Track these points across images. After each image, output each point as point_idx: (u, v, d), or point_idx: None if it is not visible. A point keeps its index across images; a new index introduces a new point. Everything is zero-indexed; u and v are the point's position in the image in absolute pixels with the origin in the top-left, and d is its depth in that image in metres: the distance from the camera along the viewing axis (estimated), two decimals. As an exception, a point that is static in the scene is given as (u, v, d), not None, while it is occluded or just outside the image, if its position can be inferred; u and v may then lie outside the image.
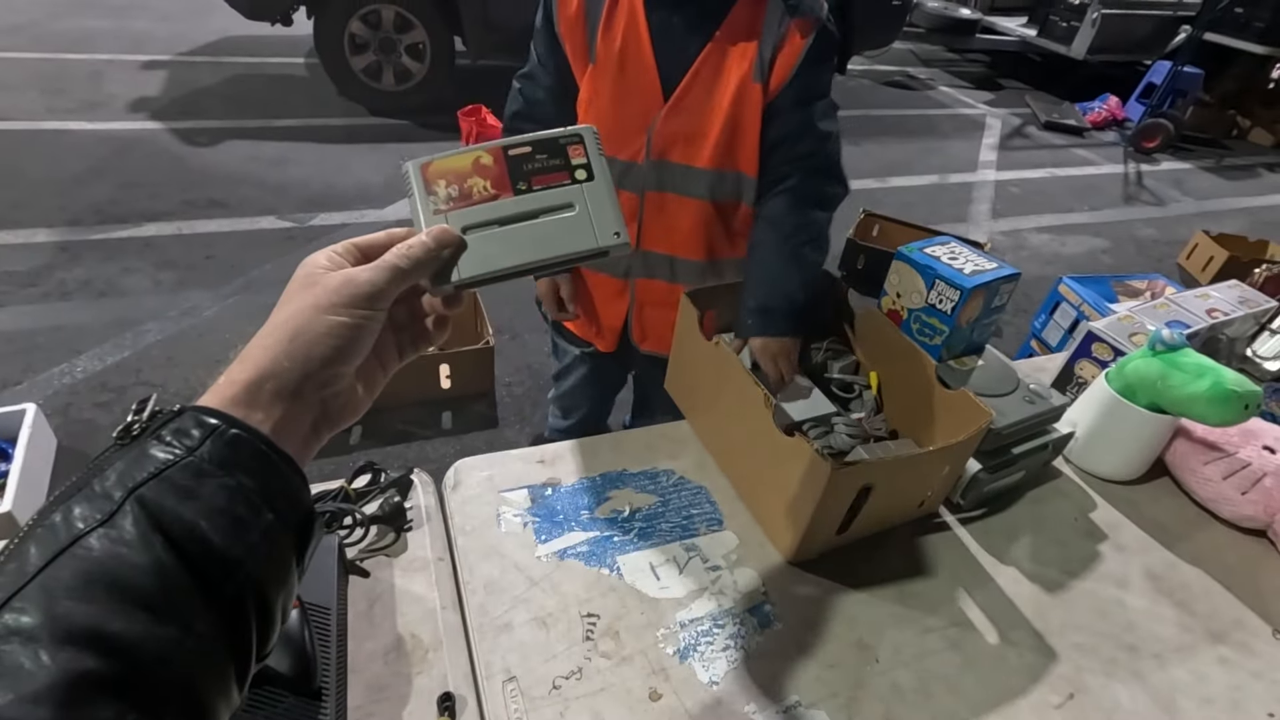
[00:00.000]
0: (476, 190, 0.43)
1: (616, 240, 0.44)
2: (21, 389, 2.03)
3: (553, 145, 0.45)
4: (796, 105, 1.07)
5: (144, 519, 0.30)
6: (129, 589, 0.28)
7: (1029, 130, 5.38)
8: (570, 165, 0.45)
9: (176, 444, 0.32)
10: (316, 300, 0.38)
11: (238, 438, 0.34)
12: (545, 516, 0.88)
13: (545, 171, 0.44)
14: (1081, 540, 0.95)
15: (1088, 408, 1.04)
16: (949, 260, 1.00)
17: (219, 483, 0.32)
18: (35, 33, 4.56)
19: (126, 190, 3.03)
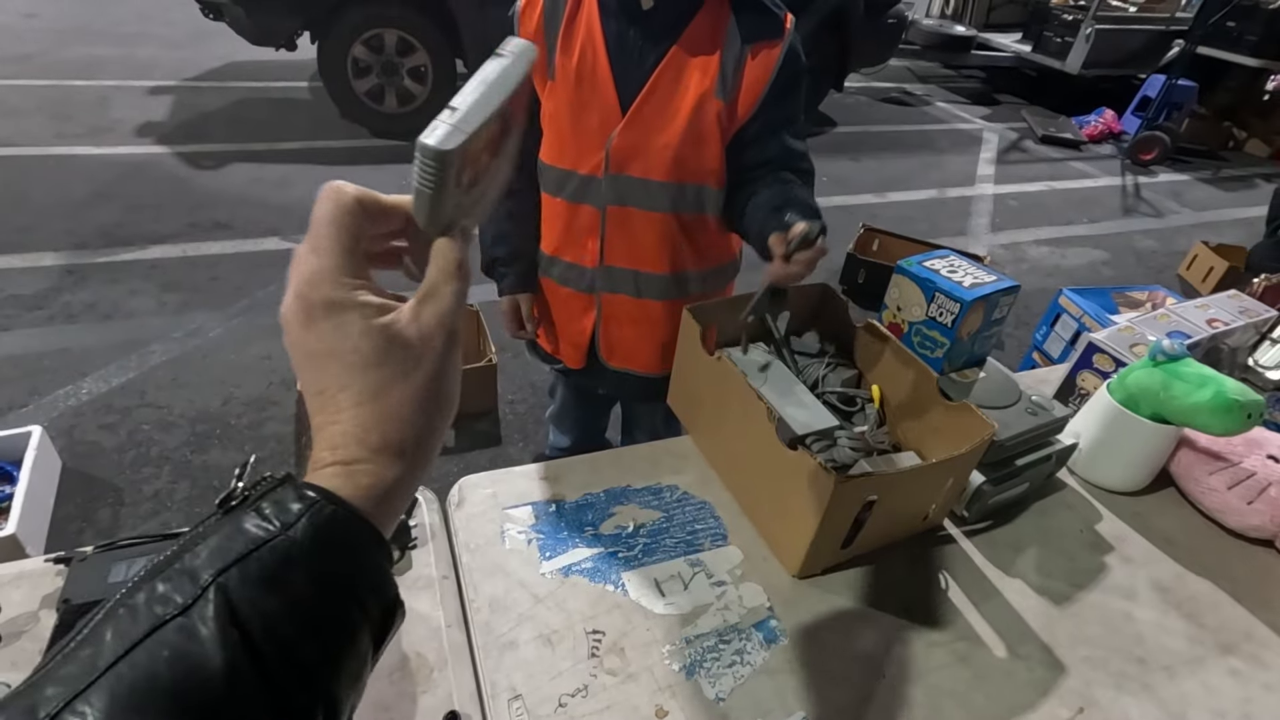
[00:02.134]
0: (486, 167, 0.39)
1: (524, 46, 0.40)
2: (27, 411, 2.04)
3: None
4: (771, 131, 1.07)
5: (224, 610, 0.27)
6: (194, 698, 0.26)
7: (1026, 144, 5.43)
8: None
9: (273, 519, 0.30)
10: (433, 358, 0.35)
11: (335, 515, 0.31)
12: (549, 533, 0.88)
13: None
14: (1088, 552, 0.95)
15: (1090, 419, 1.04)
16: (949, 273, 1.01)
17: (308, 572, 0.29)
18: (44, 60, 4.64)
19: (132, 213, 3.06)
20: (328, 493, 0.31)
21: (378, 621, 0.32)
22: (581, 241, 1.16)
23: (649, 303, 1.20)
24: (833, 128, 5.16)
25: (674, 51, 1.03)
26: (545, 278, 1.25)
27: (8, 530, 1.48)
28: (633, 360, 1.25)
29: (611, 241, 1.15)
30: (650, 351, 1.10)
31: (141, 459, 1.96)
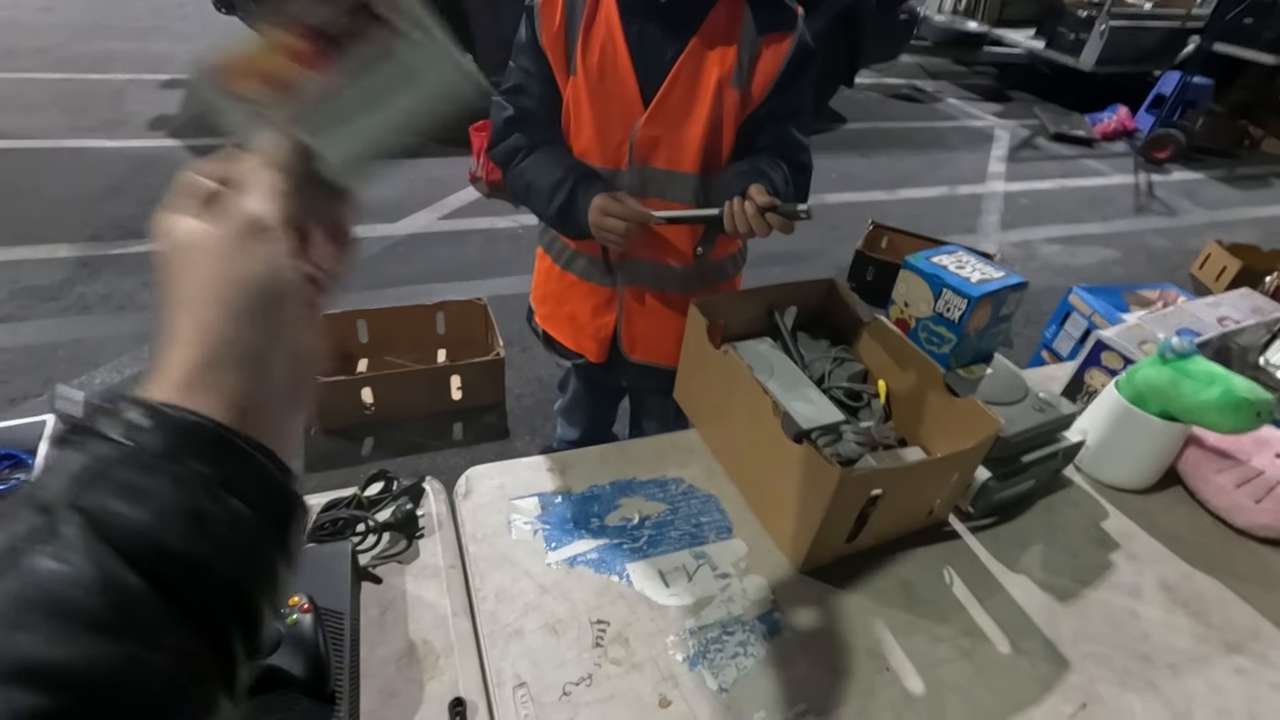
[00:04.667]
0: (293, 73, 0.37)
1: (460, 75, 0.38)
2: (42, 400, 2.06)
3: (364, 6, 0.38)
4: (777, 119, 1.10)
5: (87, 528, 0.26)
6: (73, 611, 0.25)
7: (1038, 142, 5.38)
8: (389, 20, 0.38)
9: (121, 437, 0.29)
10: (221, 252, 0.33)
11: (190, 423, 0.30)
12: (555, 524, 0.89)
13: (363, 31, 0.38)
14: (1093, 549, 0.95)
15: (1098, 416, 1.04)
16: (956, 269, 1.01)
17: (171, 474, 0.28)
18: (59, 54, 4.68)
19: (145, 206, 3.09)
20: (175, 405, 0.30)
21: (270, 514, 0.31)
22: None
23: (671, 295, 1.21)
24: (842, 124, 5.14)
25: (693, 44, 1.04)
26: (567, 272, 1.25)
27: (23, 517, 1.50)
28: (655, 353, 1.25)
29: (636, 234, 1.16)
30: (673, 343, 1.10)
31: (153, 449, 1.98)
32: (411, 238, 3.14)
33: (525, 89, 1.12)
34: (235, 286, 0.33)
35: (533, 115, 1.13)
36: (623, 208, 1.04)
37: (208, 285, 0.33)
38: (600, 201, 1.06)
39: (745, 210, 0.99)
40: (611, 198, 1.06)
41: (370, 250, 3.00)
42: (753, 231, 1.00)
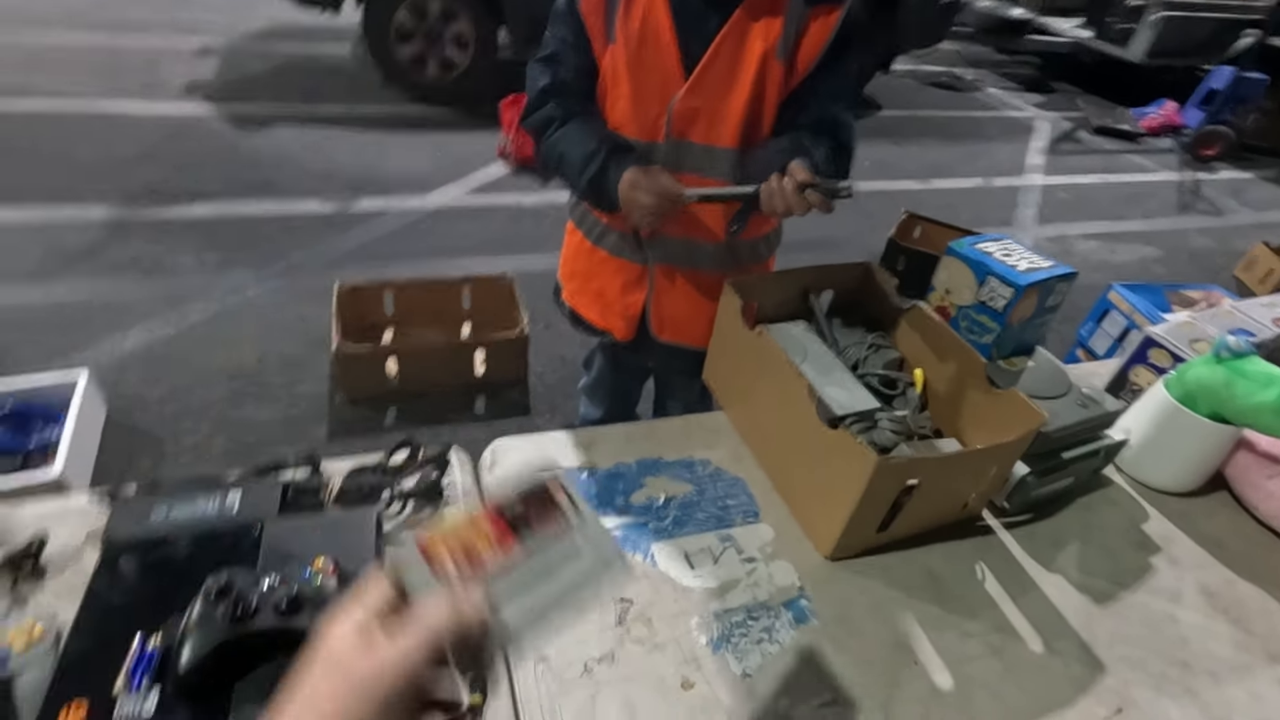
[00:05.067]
0: (486, 552, 0.44)
1: (622, 563, 0.47)
2: (72, 360, 2.09)
3: (534, 493, 0.48)
4: (821, 94, 1.06)
5: None
6: None
7: (1080, 135, 5.23)
8: (558, 504, 0.48)
9: None
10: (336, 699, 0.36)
11: None
12: (580, 500, 0.88)
13: (540, 515, 0.47)
14: (1132, 551, 0.92)
15: (1143, 415, 1.00)
16: (1003, 257, 0.97)
17: None
18: (95, 18, 4.70)
19: (177, 171, 3.11)
20: None
21: None
22: None
23: (702, 274, 1.18)
24: (877, 111, 5.03)
25: (738, 14, 1.00)
26: (598, 248, 1.23)
27: (54, 472, 1.53)
28: (684, 334, 1.23)
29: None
30: (703, 324, 1.08)
31: (182, 411, 2.01)
32: (439, 211, 3.13)
33: (561, 58, 1.09)
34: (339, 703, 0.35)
35: (568, 85, 1.11)
36: (654, 183, 1.01)
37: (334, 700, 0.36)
38: (631, 175, 1.03)
39: (785, 187, 0.95)
40: (643, 172, 1.03)
41: (399, 223, 3.01)
42: (791, 210, 0.97)
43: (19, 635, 0.62)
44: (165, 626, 0.62)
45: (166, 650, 0.60)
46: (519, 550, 0.45)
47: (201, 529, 0.73)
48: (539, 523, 0.46)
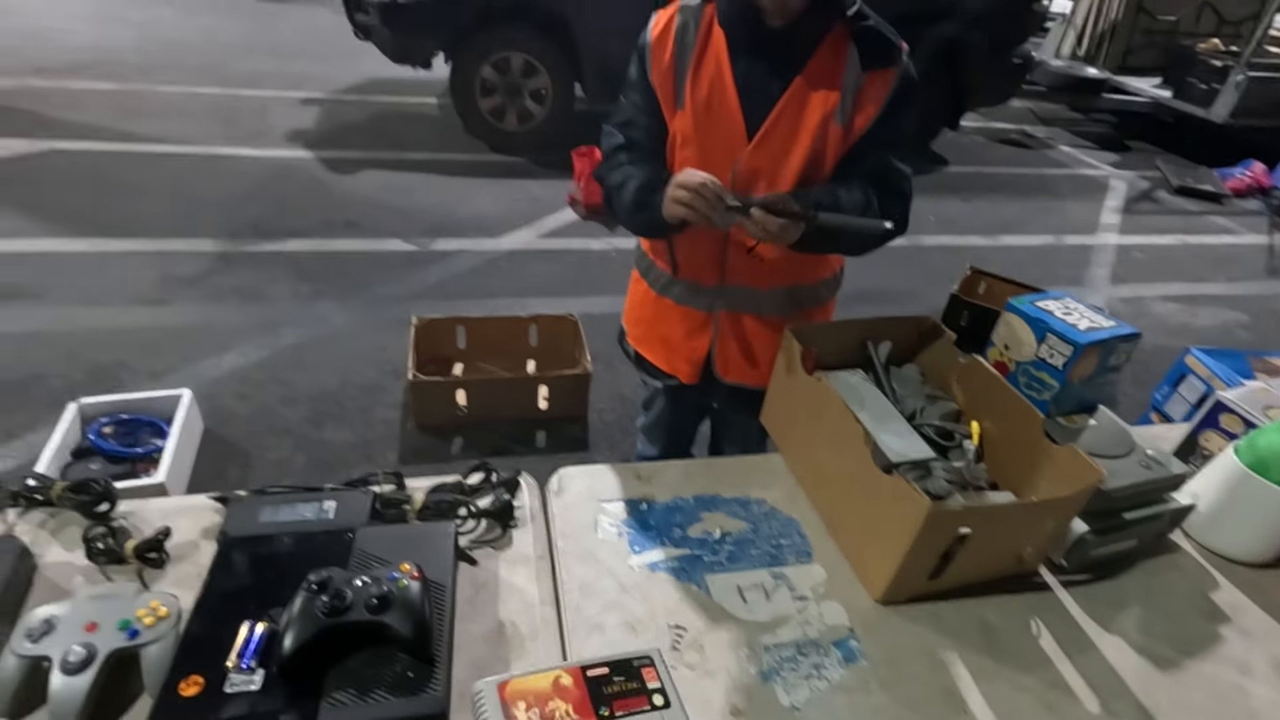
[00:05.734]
0: (559, 715, 0.44)
1: None
2: (178, 377, 2.29)
3: (628, 668, 0.47)
4: (878, 147, 1.11)
5: None
6: None
7: (1158, 195, 5.08)
8: (647, 689, 0.47)
9: None
10: None
11: None
12: (639, 529, 0.93)
13: (624, 695, 0.46)
14: (1199, 619, 0.89)
15: (1213, 480, 0.99)
16: (1063, 315, 0.99)
17: None
18: (218, 72, 5.22)
19: (278, 209, 3.39)
20: None
21: None
22: (703, 262, 1.21)
23: (766, 318, 1.23)
24: (944, 167, 5.03)
25: (798, 82, 1.08)
26: (664, 297, 1.30)
27: (158, 478, 1.68)
28: (747, 374, 1.28)
29: (732, 261, 1.20)
30: (766, 365, 1.12)
31: (268, 429, 2.16)
32: (512, 253, 3.30)
33: (634, 122, 1.19)
34: None
35: (639, 144, 1.20)
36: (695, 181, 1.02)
37: None
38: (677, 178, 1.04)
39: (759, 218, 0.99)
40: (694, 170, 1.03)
41: (474, 263, 3.18)
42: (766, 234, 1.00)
43: (146, 614, 0.70)
44: (271, 615, 0.70)
45: (271, 636, 0.67)
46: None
47: (302, 531, 0.81)
48: (621, 702, 0.45)
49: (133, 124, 4.13)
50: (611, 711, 0.44)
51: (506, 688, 0.44)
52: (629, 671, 0.47)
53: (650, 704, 0.46)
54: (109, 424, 1.89)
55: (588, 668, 0.46)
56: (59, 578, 0.78)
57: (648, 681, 0.47)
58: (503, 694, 0.44)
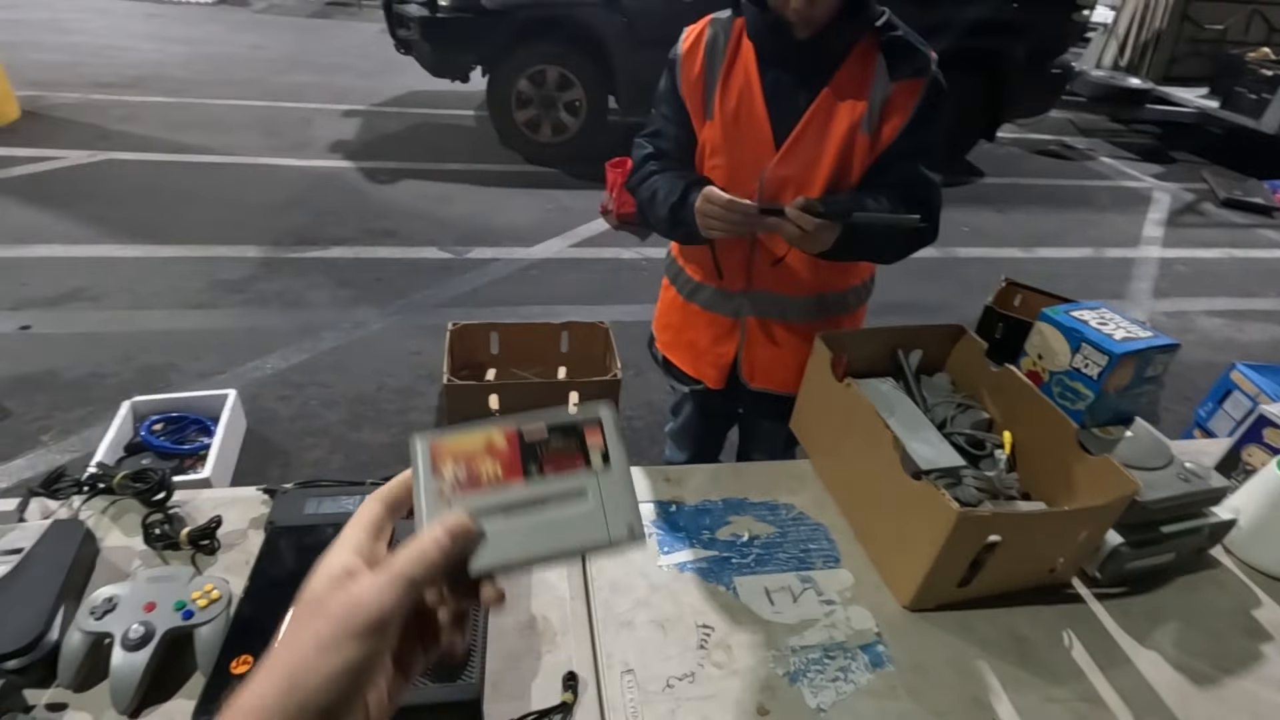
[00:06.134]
0: (486, 474, 0.41)
1: (628, 536, 0.40)
2: (223, 378, 2.38)
3: (569, 429, 0.43)
4: (906, 156, 1.12)
5: None
6: None
7: (1204, 207, 4.94)
8: (586, 449, 0.42)
9: None
10: (318, 635, 0.34)
11: None
12: (668, 530, 0.94)
13: (559, 455, 0.42)
14: (1239, 636, 0.88)
15: (1254, 496, 0.97)
16: (1098, 325, 0.98)
17: None
18: (262, 85, 5.42)
19: (319, 218, 3.50)
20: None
21: None
22: (730, 268, 1.23)
23: (792, 324, 1.24)
24: (979, 178, 4.97)
25: (825, 93, 1.09)
26: (691, 303, 1.32)
27: (204, 473, 1.75)
28: (774, 380, 1.29)
29: (759, 267, 1.21)
30: (792, 371, 1.13)
31: (307, 430, 2.23)
32: (544, 262, 3.35)
33: (664, 133, 1.22)
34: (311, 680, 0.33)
35: (669, 154, 1.22)
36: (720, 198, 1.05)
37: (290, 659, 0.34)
38: (705, 194, 1.07)
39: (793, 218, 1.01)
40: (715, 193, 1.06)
41: (507, 271, 3.24)
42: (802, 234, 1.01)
43: (200, 596, 0.74)
44: (314, 600, 0.73)
45: (316, 619, 0.70)
46: (520, 484, 0.41)
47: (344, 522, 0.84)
48: (554, 461, 0.42)
49: (183, 135, 4.30)
50: (541, 470, 0.41)
51: (439, 446, 0.41)
52: (569, 432, 0.42)
53: (587, 463, 0.42)
54: (159, 421, 1.97)
55: (524, 428, 0.42)
56: (119, 560, 0.82)
57: (589, 441, 0.42)
58: (434, 451, 0.41)
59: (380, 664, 0.36)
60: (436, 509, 0.40)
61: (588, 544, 0.41)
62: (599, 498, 0.41)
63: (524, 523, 0.40)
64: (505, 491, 0.41)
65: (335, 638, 0.34)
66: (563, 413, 0.43)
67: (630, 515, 0.41)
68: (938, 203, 1.18)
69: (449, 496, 0.41)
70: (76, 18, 6.71)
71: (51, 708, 0.68)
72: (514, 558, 0.40)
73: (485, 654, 0.74)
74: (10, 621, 0.69)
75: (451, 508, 0.40)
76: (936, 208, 1.18)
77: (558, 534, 0.40)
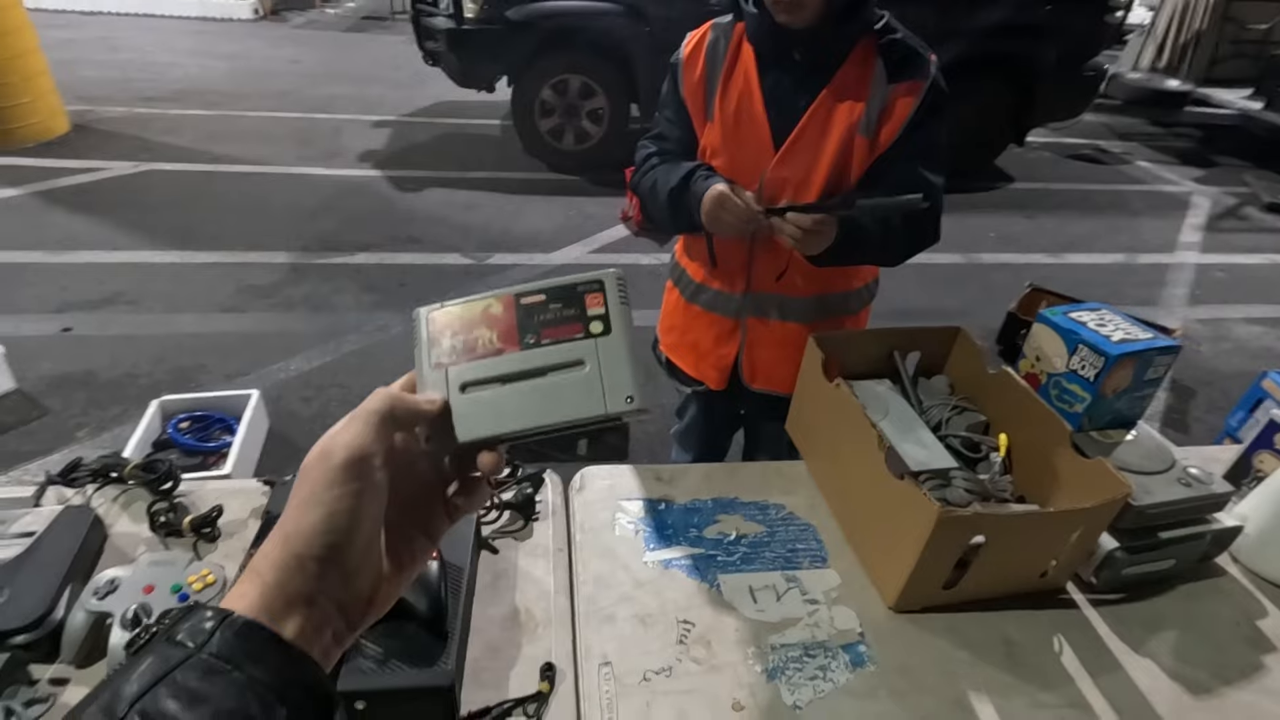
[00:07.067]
0: (481, 343, 0.40)
1: (628, 405, 0.38)
2: (249, 379, 2.45)
3: (569, 293, 0.41)
4: (907, 159, 1.12)
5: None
6: None
7: (1247, 212, 4.78)
8: (586, 316, 0.40)
9: (189, 640, 0.31)
10: (299, 492, 0.36)
11: (248, 626, 0.32)
12: (656, 528, 0.95)
13: (557, 323, 0.40)
14: (1242, 647, 0.85)
15: (1262, 502, 0.94)
16: (1096, 326, 0.96)
17: (229, 679, 0.30)
18: (297, 97, 5.58)
19: (346, 224, 3.59)
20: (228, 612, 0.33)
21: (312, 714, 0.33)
22: (731, 269, 1.24)
23: (792, 325, 1.25)
24: (1008, 184, 4.88)
25: (824, 95, 1.10)
26: (693, 304, 1.33)
27: (225, 470, 1.80)
28: (774, 381, 1.29)
29: (759, 269, 1.22)
30: (793, 372, 1.14)
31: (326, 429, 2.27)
32: (563, 267, 3.39)
33: (667, 135, 1.24)
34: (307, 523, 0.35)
35: (671, 154, 1.24)
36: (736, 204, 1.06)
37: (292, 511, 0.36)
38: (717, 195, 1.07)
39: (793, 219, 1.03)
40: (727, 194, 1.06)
41: (526, 275, 3.28)
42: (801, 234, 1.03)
43: (196, 580, 0.77)
44: (303, 586, 0.75)
45: (302, 604, 0.73)
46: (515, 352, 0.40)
47: (338, 513, 0.87)
48: (551, 330, 0.40)
49: (220, 146, 4.46)
50: (538, 338, 0.40)
51: (437, 315, 0.41)
52: (569, 298, 0.40)
53: (586, 331, 0.40)
54: (186, 420, 2.04)
55: (522, 295, 0.41)
56: (126, 546, 0.86)
57: (590, 308, 0.40)
58: (433, 322, 0.41)
59: (368, 504, 0.36)
60: (431, 379, 0.40)
61: (583, 415, 0.39)
62: (597, 367, 0.39)
63: (517, 392, 0.39)
64: (499, 360, 0.40)
65: (313, 489, 0.35)
66: (567, 277, 0.42)
67: (630, 386, 0.39)
68: (939, 205, 1.17)
69: (444, 366, 0.40)
70: (127, 36, 7.01)
71: (54, 682, 0.71)
72: (504, 428, 0.38)
73: (465, 643, 0.76)
74: (18, 600, 0.73)
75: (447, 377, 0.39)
76: (938, 209, 1.17)
77: (551, 404, 0.39)
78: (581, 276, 0.41)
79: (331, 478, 0.36)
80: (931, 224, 1.19)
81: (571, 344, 0.40)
